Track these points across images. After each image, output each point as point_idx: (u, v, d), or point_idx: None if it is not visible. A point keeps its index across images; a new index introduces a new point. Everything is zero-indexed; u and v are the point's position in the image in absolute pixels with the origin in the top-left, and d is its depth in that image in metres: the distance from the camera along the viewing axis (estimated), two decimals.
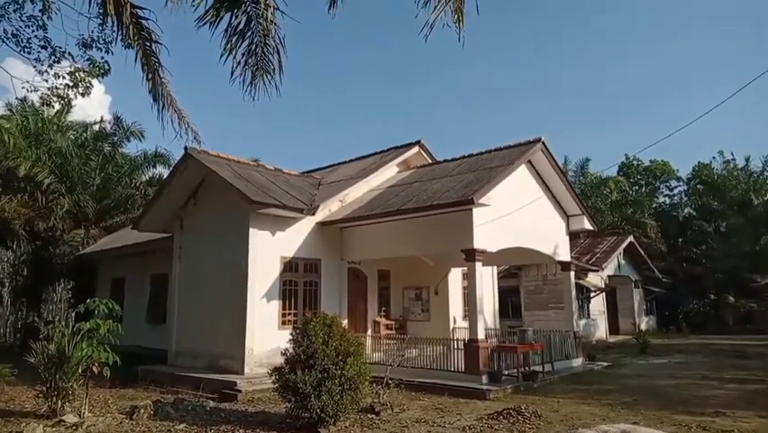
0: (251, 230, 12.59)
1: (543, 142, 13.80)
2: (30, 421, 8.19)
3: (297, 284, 13.47)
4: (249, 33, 5.90)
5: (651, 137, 56.73)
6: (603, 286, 25.10)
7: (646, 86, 69.20)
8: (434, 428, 7.95)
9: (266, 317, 12.57)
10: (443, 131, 75.91)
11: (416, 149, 17.17)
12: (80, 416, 8.48)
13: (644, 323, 29.18)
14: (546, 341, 13.22)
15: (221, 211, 13.58)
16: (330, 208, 14.35)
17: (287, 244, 13.29)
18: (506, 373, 11.61)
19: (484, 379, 10.99)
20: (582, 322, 22.10)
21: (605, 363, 15.26)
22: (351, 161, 18.64)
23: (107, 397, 10.64)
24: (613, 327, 26.60)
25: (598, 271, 24.51)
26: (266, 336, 12.28)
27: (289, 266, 13.30)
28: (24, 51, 7.13)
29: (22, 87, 7.36)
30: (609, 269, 25.96)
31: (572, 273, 15.96)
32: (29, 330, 20.63)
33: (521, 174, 13.71)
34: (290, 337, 8.27)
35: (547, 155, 14.05)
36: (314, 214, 13.56)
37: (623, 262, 27.83)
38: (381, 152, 17.92)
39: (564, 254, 15.52)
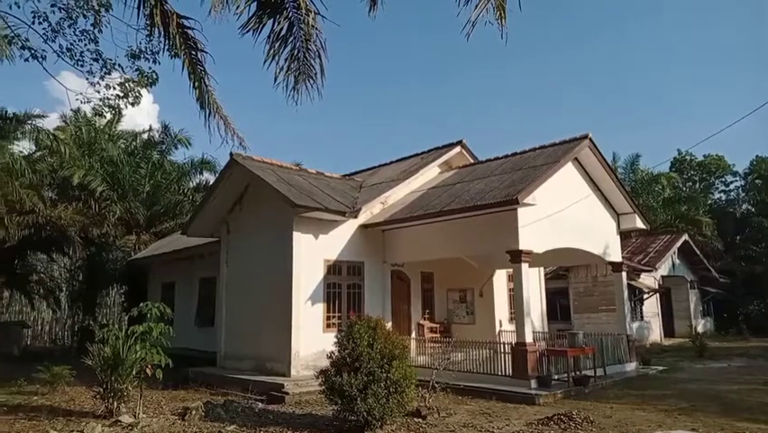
0: (294, 233, 12.72)
1: (590, 139, 13.39)
2: (89, 421, 8.50)
3: (341, 287, 13.51)
4: (291, 39, 5.93)
5: (703, 132, 54.45)
6: (657, 287, 24.18)
7: (695, 80, 66.52)
8: None
9: (310, 319, 12.66)
10: (485, 132, 75.07)
11: (457, 149, 16.98)
12: (135, 416, 8.74)
13: (701, 325, 27.93)
14: (598, 344, 12.80)
15: (266, 215, 13.79)
16: (372, 211, 14.35)
17: (330, 246, 13.36)
18: (555, 377, 11.30)
19: (533, 383, 10.72)
20: (635, 325, 21.33)
21: (660, 368, 14.67)
22: (392, 162, 18.60)
23: (160, 398, 10.93)
24: (668, 330, 25.57)
25: (651, 271, 23.63)
26: (311, 338, 12.38)
27: (333, 269, 13.36)
28: (78, 65, 7.41)
29: (76, 99, 7.66)
30: (663, 269, 25.01)
31: (624, 274, 15.42)
32: (85, 333, 21.49)
33: (568, 172, 13.33)
34: (335, 340, 8.28)
35: (595, 152, 13.63)
36: (356, 216, 13.58)
37: (677, 261, 26.76)
38: (422, 152, 17.80)
39: (615, 254, 15.01)
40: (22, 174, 18.16)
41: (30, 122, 17.48)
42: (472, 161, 16.86)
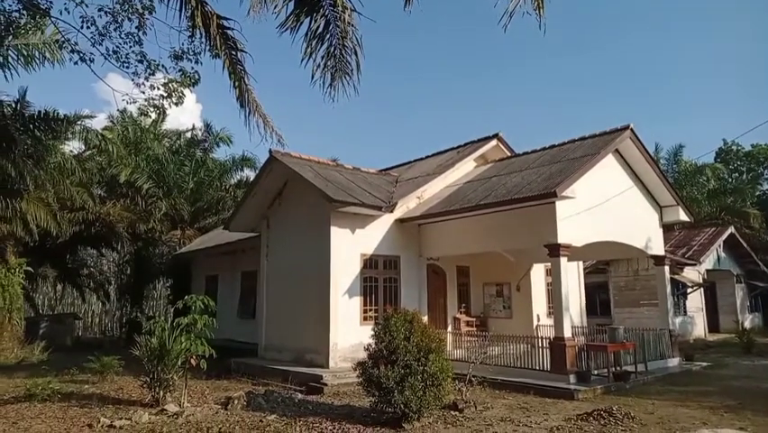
0: (332, 228, 12.91)
1: (631, 129, 13.08)
2: (137, 409, 8.89)
3: (377, 281, 13.65)
4: (327, 36, 6.04)
5: (751, 122, 52.20)
6: (701, 281, 23.43)
7: (741, 68, 63.74)
8: (520, 427, 7.79)
9: (348, 312, 12.85)
10: (522, 125, 73.96)
11: (493, 142, 16.85)
12: (180, 405, 9.08)
13: (749, 321, 26.89)
14: (639, 340, 12.55)
15: (304, 210, 14.04)
16: (408, 205, 14.41)
17: (366, 241, 13.50)
18: (595, 372, 11.14)
19: (572, 378, 10.61)
20: (678, 320, 20.75)
21: (704, 364, 14.26)
22: (427, 157, 18.60)
23: (204, 388, 11.31)
24: (712, 325, 24.75)
25: (695, 265, 22.91)
26: (348, 331, 12.57)
27: (369, 263, 13.51)
28: (123, 66, 7.71)
29: (122, 100, 7.97)
30: (708, 263, 24.20)
31: (667, 268, 15.02)
32: (133, 325, 22.34)
33: (608, 164, 13.07)
34: (372, 333, 8.41)
35: (636, 143, 13.31)
36: (392, 211, 13.67)
37: (723, 255, 25.84)
38: (458, 146, 17.73)
39: (657, 248, 14.65)
40: (72, 173, 18.96)
41: (79, 122, 18.19)
42: (509, 154, 16.71)
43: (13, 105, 15.51)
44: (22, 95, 15.90)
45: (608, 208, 12.68)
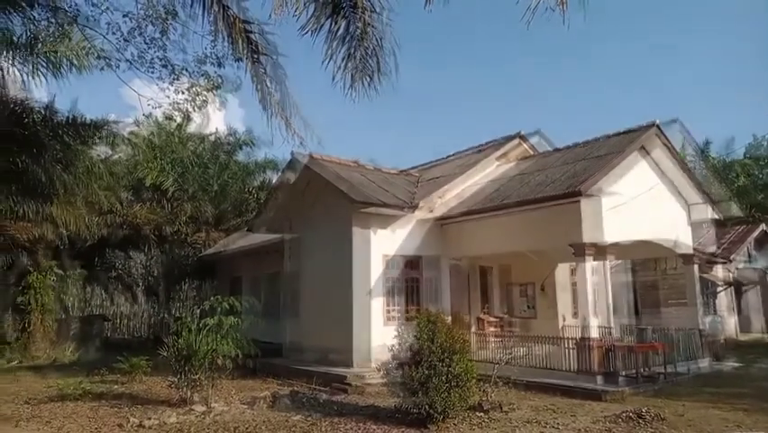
0: (353, 229, 12.94)
1: (657, 126, 12.83)
2: (165, 409, 9.04)
3: (400, 281, 13.62)
4: (348, 38, 6.05)
5: None
6: (731, 280, 22.87)
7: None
8: (548, 428, 7.70)
9: (371, 313, 12.83)
10: (547, 122, 73.14)
11: (516, 141, 16.67)
12: (208, 405, 9.21)
13: None
14: (668, 340, 12.30)
15: (326, 211, 14.09)
16: (430, 205, 14.34)
17: (388, 241, 13.49)
18: (623, 373, 10.93)
19: (599, 379, 10.45)
20: (708, 319, 20.24)
21: (736, 364, 13.94)
22: (449, 156, 18.49)
23: (230, 388, 11.43)
24: (744, 325, 24.11)
25: (725, 263, 22.37)
26: (372, 331, 12.57)
27: (392, 263, 13.49)
28: (148, 71, 7.85)
29: (148, 104, 8.11)
30: (738, 261, 23.59)
31: (696, 267, 14.70)
32: (160, 326, 22.76)
33: (634, 162, 12.83)
34: (395, 334, 8.41)
35: (663, 140, 13.05)
36: (414, 211, 13.64)
37: (754, 252, 25.16)
38: (480, 146, 17.59)
39: (686, 246, 14.34)
40: (100, 177, 19.32)
41: (106, 127, 18.53)
42: (532, 153, 16.52)
43: (43, 112, 15.87)
44: (50, 101, 16.25)
45: (634, 207, 12.46)
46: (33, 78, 14.23)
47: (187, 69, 7.88)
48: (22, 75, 11.95)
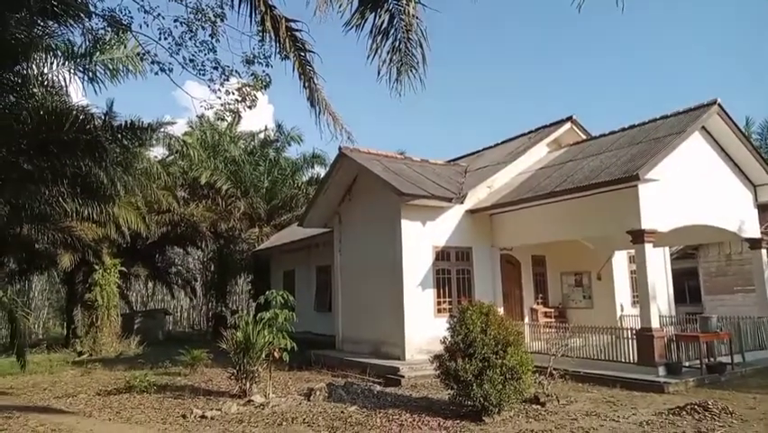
0: (402, 221, 12.94)
1: (719, 104, 12.16)
2: (226, 400, 9.36)
3: (450, 272, 13.55)
4: (392, 31, 6.00)
5: None
6: None
7: None
8: (608, 421, 7.48)
9: (422, 305, 12.85)
10: (595, 107, 70.74)
11: (567, 126, 16.19)
12: (266, 396, 9.47)
13: None
14: (734, 329, 11.71)
15: (374, 205, 14.15)
16: (478, 195, 14.18)
17: (438, 233, 13.42)
18: (686, 364, 10.50)
19: (661, 371, 10.07)
20: None
21: None
22: (497, 144, 18.18)
23: (287, 379, 11.73)
24: None
25: None
26: (423, 323, 12.58)
27: (441, 255, 13.43)
28: (200, 74, 8.04)
29: (200, 106, 8.32)
30: None
31: (764, 251, 13.87)
32: (218, 319, 23.58)
33: (694, 143, 12.24)
34: (447, 326, 8.37)
35: (725, 119, 12.37)
36: (462, 202, 13.51)
37: None
38: (529, 132, 17.19)
39: (752, 230, 13.58)
40: (158, 177, 20.11)
41: (162, 129, 19.20)
42: (584, 137, 16.00)
43: (103, 117, 16.61)
44: (109, 106, 16.94)
45: (695, 190, 11.90)
46: (93, 85, 14.90)
47: (236, 70, 8.03)
48: (83, 83, 12.49)
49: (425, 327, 12.44)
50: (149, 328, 21.90)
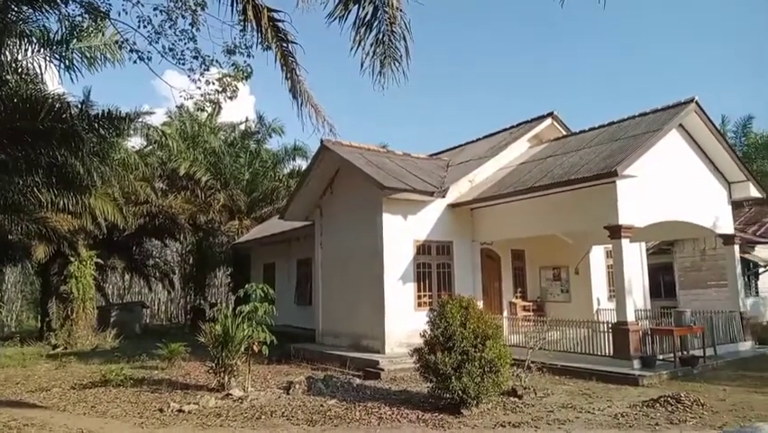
0: (384, 215, 12.95)
1: (696, 102, 12.37)
2: (204, 394, 9.28)
3: (431, 266, 13.60)
4: (376, 23, 5.98)
5: None
6: None
7: None
8: (583, 414, 7.61)
9: (402, 298, 12.90)
10: (577, 105, 71.48)
11: (548, 121, 16.32)
12: (244, 390, 9.42)
13: None
14: (707, 323, 11.99)
15: (356, 198, 14.13)
16: (460, 190, 14.25)
17: (419, 227, 13.46)
18: (660, 357, 10.74)
19: (636, 364, 10.27)
20: (749, 301, 19.62)
21: None
22: (479, 139, 18.27)
23: (266, 372, 11.67)
24: None
25: (767, 243, 21.59)
26: (403, 317, 12.62)
27: (422, 249, 13.47)
28: (179, 63, 7.90)
29: (180, 96, 8.18)
30: None
31: (737, 247, 14.21)
32: (196, 312, 23.35)
33: (672, 140, 12.44)
34: (427, 319, 8.41)
35: (702, 116, 12.59)
36: (444, 196, 13.56)
37: None
38: (511, 127, 17.31)
39: (726, 226, 13.88)
40: (135, 168, 19.81)
41: (140, 119, 18.93)
42: (564, 133, 16.16)
43: (79, 106, 16.27)
44: (86, 95, 16.65)
45: (671, 186, 12.11)
46: (70, 72, 14.58)
47: (217, 60, 7.92)
48: (59, 71, 12.19)
49: (405, 321, 12.49)
50: (125, 321, 21.58)
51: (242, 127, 28.14)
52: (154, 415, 8.23)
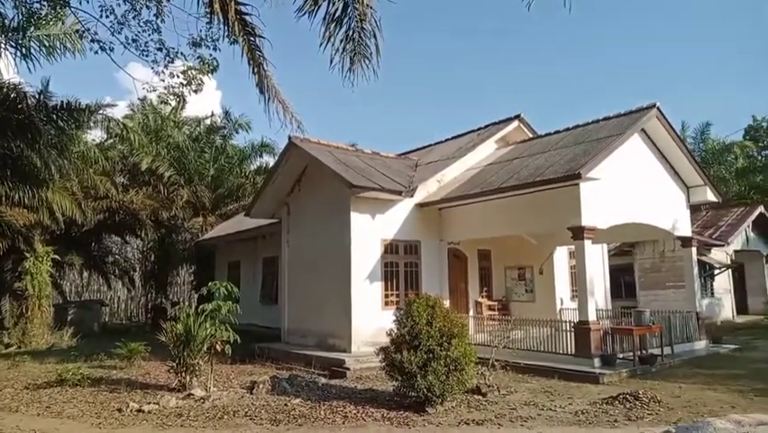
0: (352, 214, 12.90)
1: (658, 108, 12.74)
2: (164, 394, 9.05)
3: (398, 266, 13.62)
4: (346, 19, 5.95)
5: None
6: (729, 262, 22.95)
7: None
8: (545, 411, 7.74)
9: (369, 297, 12.88)
10: (543, 105, 72.73)
11: (515, 124, 16.57)
12: (206, 390, 9.24)
13: None
14: (665, 322, 12.36)
15: (324, 196, 14.04)
16: (428, 189, 14.31)
17: (387, 226, 13.46)
18: (620, 356, 11.02)
19: (596, 362, 10.51)
20: (705, 302, 20.37)
21: (732, 346, 14.01)
22: (447, 140, 18.40)
23: (229, 372, 11.48)
24: (741, 307, 24.26)
25: (722, 245, 22.41)
26: (370, 316, 12.60)
27: (390, 248, 13.48)
28: (143, 55, 7.69)
29: (143, 88, 7.97)
30: (736, 243, 23.63)
31: (694, 249, 14.71)
32: (158, 311, 22.80)
33: (633, 144, 12.78)
34: (394, 318, 8.41)
35: (663, 122, 12.97)
36: (412, 195, 13.59)
37: (752, 235, 25.19)
38: (478, 129, 17.49)
39: (684, 229, 14.34)
40: (95, 162, 19.24)
41: (101, 112, 18.35)
42: (531, 135, 16.43)
43: (37, 96, 15.71)
44: (45, 85, 16.07)
45: (633, 189, 12.44)
46: (27, 61, 14.04)
47: (182, 53, 7.73)
48: (15, 59, 11.72)
49: (372, 320, 12.46)
50: (83, 320, 20.89)
51: (208, 122, 27.61)
52: (112, 415, 7.99)
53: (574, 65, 72.84)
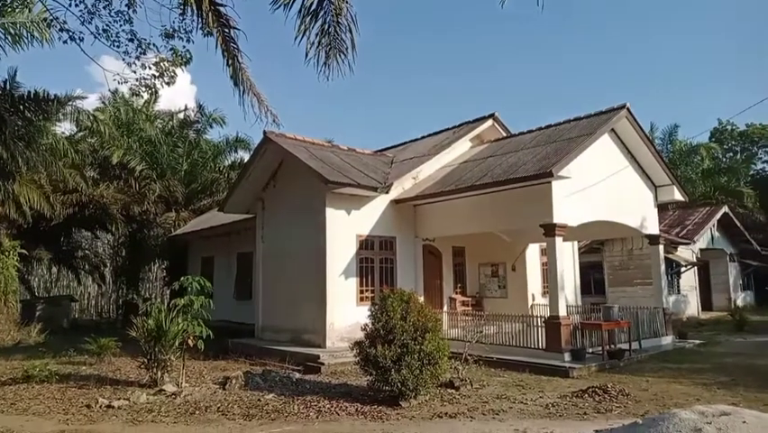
0: (327, 209, 12.88)
1: (627, 109, 13.03)
2: (135, 390, 8.93)
3: (374, 261, 13.66)
4: (321, 13, 5.94)
5: (746, 101, 52.06)
6: (694, 260, 23.62)
7: (736, 46, 63.44)
8: (516, 404, 7.88)
9: (344, 293, 12.89)
10: (517, 106, 73.54)
11: (489, 122, 16.75)
12: (178, 385, 9.13)
13: (741, 299, 27.24)
14: (633, 318, 12.67)
15: (299, 192, 13.98)
16: (403, 186, 14.38)
17: (362, 222, 13.48)
18: (589, 351, 11.27)
19: (566, 356, 10.72)
20: (672, 298, 20.95)
21: (697, 341, 14.44)
22: (423, 137, 18.50)
23: (202, 368, 11.36)
24: (705, 304, 25.03)
25: (689, 244, 23.06)
26: (345, 311, 12.62)
27: (365, 244, 13.51)
28: (114, 45, 7.55)
29: (114, 80, 7.83)
30: (702, 242, 24.36)
31: (661, 247, 15.10)
32: (129, 307, 22.38)
33: (604, 144, 13.05)
34: (369, 313, 8.45)
35: (633, 123, 13.27)
36: (387, 192, 13.64)
37: (717, 234, 26.01)
38: (454, 127, 17.64)
39: (652, 227, 14.71)
40: (65, 154, 18.77)
41: (71, 103, 17.93)
42: (505, 134, 16.63)
43: (2, 86, 15.27)
44: (11, 75, 15.64)
45: (603, 188, 12.69)
46: None
47: (154, 44, 7.61)
48: None
49: (346, 315, 12.49)
50: (52, 316, 20.38)
51: (181, 116, 27.12)
52: (81, 411, 7.85)
53: (545, 68, 73.84)
